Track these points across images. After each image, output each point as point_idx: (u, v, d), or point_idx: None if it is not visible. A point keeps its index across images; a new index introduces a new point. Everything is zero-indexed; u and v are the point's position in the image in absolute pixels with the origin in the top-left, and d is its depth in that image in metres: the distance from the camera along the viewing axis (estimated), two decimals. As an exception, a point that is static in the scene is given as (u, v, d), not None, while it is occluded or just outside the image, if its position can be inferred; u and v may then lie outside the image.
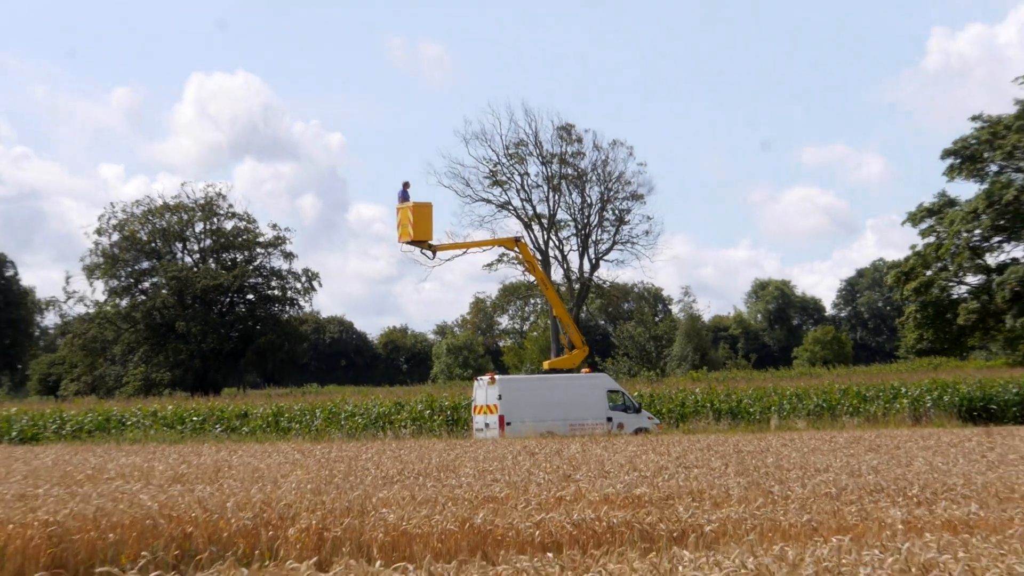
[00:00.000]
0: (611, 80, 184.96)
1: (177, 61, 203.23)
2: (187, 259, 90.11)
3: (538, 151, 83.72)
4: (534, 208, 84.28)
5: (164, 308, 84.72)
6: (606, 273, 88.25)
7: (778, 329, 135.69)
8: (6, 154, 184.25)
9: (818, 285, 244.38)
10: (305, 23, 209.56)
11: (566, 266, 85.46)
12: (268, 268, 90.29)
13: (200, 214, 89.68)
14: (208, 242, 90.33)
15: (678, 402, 49.68)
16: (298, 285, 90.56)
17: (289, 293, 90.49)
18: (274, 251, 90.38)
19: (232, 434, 46.89)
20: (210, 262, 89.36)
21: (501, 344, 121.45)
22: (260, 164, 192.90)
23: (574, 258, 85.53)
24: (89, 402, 62.39)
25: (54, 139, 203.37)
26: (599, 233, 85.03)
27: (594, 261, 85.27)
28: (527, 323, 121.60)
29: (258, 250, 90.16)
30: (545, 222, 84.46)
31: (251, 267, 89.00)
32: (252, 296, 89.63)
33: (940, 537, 11.00)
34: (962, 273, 75.34)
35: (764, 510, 14.28)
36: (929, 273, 75.21)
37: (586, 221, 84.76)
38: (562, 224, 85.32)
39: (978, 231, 73.60)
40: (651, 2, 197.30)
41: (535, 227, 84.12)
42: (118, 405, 56.37)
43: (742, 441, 31.27)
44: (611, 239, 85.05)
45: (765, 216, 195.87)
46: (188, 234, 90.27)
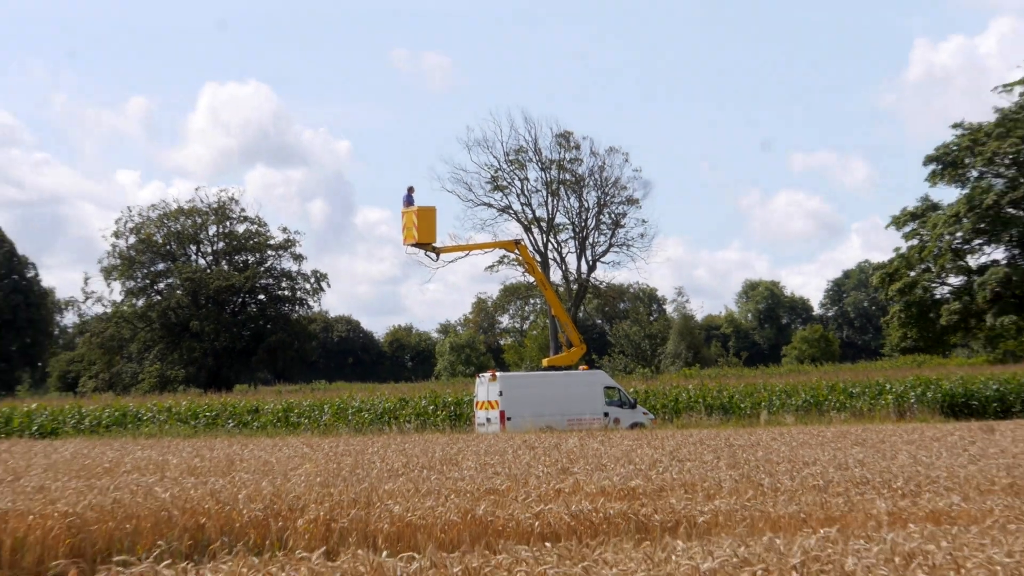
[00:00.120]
0: (608, 89, 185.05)
1: (191, 71, 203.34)
2: (201, 261, 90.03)
3: (537, 157, 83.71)
4: (534, 212, 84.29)
5: (179, 308, 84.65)
6: (603, 274, 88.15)
7: (768, 328, 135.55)
8: (27, 160, 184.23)
9: (806, 286, 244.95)
10: (313, 35, 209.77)
11: (564, 267, 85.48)
12: (278, 270, 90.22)
13: (213, 218, 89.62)
14: (221, 245, 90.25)
15: (672, 398, 49.67)
16: (307, 286, 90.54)
17: (299, 294, 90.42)
18: (284, 253, 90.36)
19: (244, 429, 46.83)
20: (223, 264, 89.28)
21: (502, 342, 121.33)
22: (271, 170, 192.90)
23: (572, 260, 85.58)
24: (106, 398, 62.35)
25: (73, 146, 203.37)
26: (596, 236, 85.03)
27: (591, 263, 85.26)
28: (527, 322, 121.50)
29: (269, 252, 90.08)
30: (544, 225, 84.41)
31: (262, 269, 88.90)
32: (263, 296, 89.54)
33: (924, 528, 11.00)
34: (944, 274, 75.27)
35: (754, 502, 14.27)
36: (913, 274, 75.16)
37: (583, 224, 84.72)
38: (560, 227, 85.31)
39: (959, 234, 73.51)
40: (647, 12, 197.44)
41: (535, 230, 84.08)
42: (134, 401, 56.29)
43: (733, 435, 31.23)
44: (607, 242, 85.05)
45: (755, 220, 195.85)
46: (202, 237, 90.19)
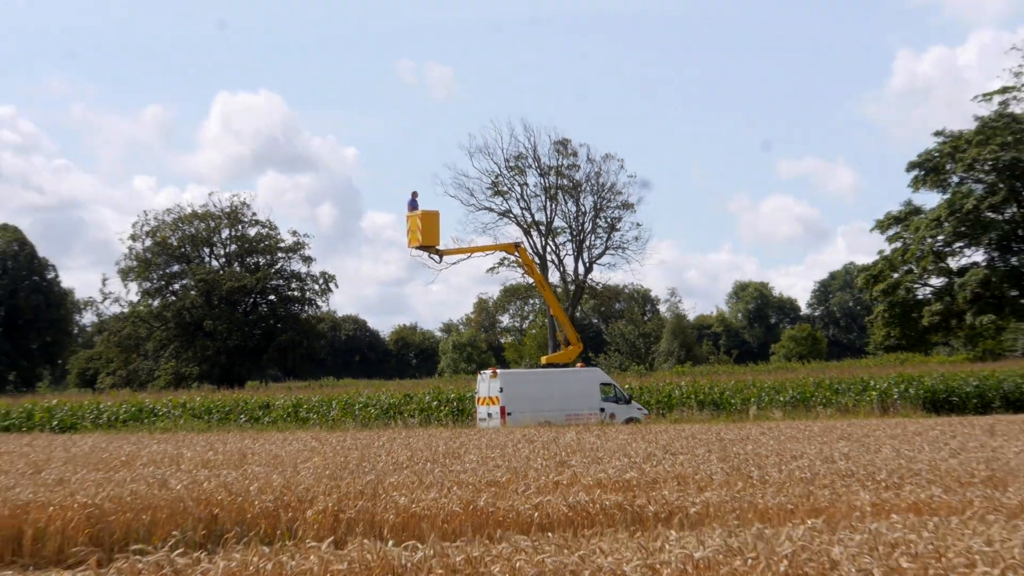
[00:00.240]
0: (604, 98, 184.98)
1: (204, 81, 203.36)
2: (214, 263, 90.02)
3: (536, 163, 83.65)
4: (533, 216, 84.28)
5: (193, 308, 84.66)
6: (599, 276, 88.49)
7: (757, 327, 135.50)
8: (48, 166, 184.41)
9: (794, 287, 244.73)
10: (322, 47, 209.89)
11: (562, 269, 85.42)
12: (288, 271, 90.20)
13: (226, 221, 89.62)
14: (233, 247, 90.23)
15: (665, 394, 49.64)
16: (316, 287, 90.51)
17: (308, 294, 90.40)
18: (294, 255, 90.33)
19: (255, 424, 46.82)
20: (235, 266, 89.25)
21: (502, 341, 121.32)
22: (281, 175, 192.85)
23: (569, 262, 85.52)
24: (124, 394, 62.36)
25: (92, 153, 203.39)
26: (592, 239, 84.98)
27: (588, 265, 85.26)
28: (526, 321, 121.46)
29: (279, 255, 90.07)
30: (543, 229, 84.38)
31: (273, 270, 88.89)
32: (274, 297, 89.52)
33: (906, 518, 11.00)
34: (926, 276, 75.27)
35: (744, 493, 14.27)
36: (896, 276, 75.17)
37: (580, 228, 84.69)
38: (558, 231, 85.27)
39: (941, 237, 73.54)
40: (641, 26, 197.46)
41: (534, 233, 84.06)
42: (150, 397, 56.29)
43: (724, 430, 31.20)
44: (603, 244, 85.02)
45: (745, 223, 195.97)
46: (215, 240, 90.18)
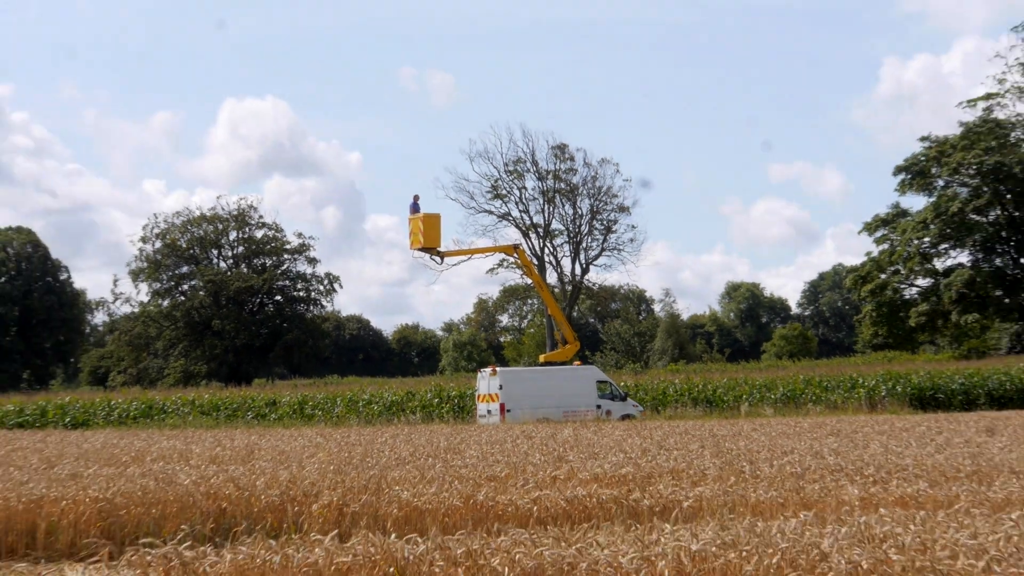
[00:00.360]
0: (600, 105, 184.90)
1: (212, 88, 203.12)
2: (222, 264, 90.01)
3: (535, 168, 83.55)
4: (531, 218, 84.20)
5: (201, 308, 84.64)
6: (595, 276, 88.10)
7: (749, 326, 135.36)
8: (61, 171, 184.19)
9: (784, 287, 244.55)
10: (326, 55, 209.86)
11: (560, 270, 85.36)
12: (294, 272, 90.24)
13: (233, 224, 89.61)
14: (240, 249, 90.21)
15: (659, 391, 49.62)
16: (321, 287, 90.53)
17: (313, 294, 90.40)
18: (299, 257, 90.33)
19: (262, 420, 46.78)
20: (242, 267, 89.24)
21: (502, 340, 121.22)
22: (287, 179, 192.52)
23: (567, 263, 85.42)
24: (134, 392, 62.31)
25: (103, 158, 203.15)
26: (589, 241, 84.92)
27: (584, 266, 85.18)
28: (525, 321, 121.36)
29: (285, 256, 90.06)
30: (541, 231, 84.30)
31: (279, 271, 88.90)
32: (280, 297, 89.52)
33: (893, 512, 10.98)
34: (913, 276, 75.29)
35: (736, 488, 14.24)
36: (883, 276, 75.17)
37: (577, 230, 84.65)
38: (556, 233, 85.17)
39: (927, 239, 73.57)
40: (637, 36, 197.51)
41: (532, 235, 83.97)
42: (160, 394, 56.27)
43: (716, 426, 31.20)
44: (600, 246, 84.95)
45: (737, 226, 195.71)
46: (223, 242, 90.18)
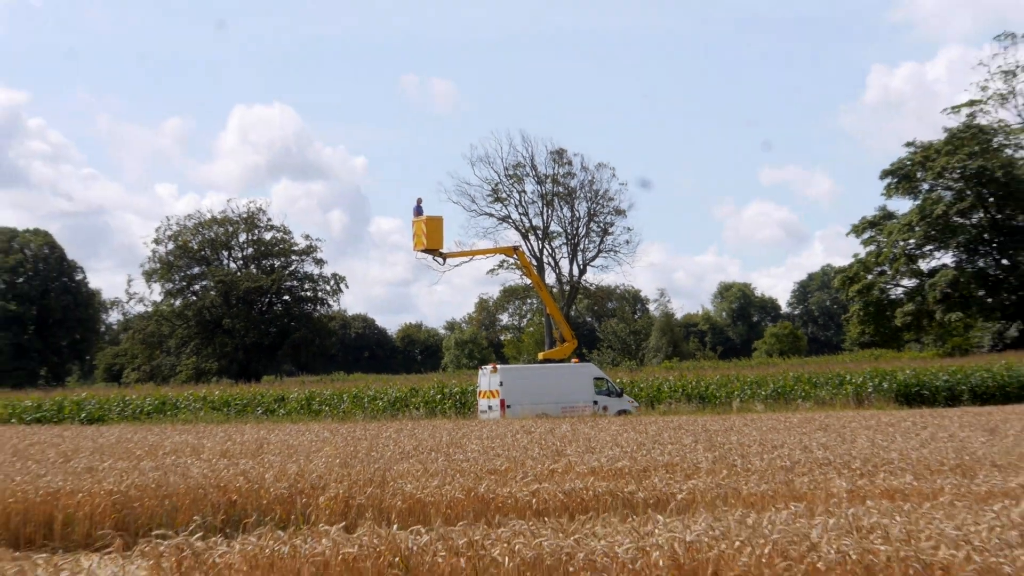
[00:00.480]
0: (598, 110, 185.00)
1: (222, 95, 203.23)
2: (232, 265, 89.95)
3: (534, 172, 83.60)
4: (530, 221, 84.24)
5: (212, 307, 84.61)
6: (592, 277, 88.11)
7: (740, 325, 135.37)
8: (76, 175, 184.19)
9: (775, 287, 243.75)
10: (332, 62, 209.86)
11: (558, 271, 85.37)
12: (302, 273, 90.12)
13: (243, 226, 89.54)
14: (250, 250, 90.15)
15: (654, 388, 49.64)
16: (327, 287, 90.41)
17: (320, 294, 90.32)
18: (307, 258, 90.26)
19: (271, 416, 46.80)
20: (252, 268, 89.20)
21: (502, 338, 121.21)
22: (294, 183, 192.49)
23: (565, 264, 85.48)
24: (148, 388, 62.32)
25: (117, 162, 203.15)
26: (586, 243, 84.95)
27: (582, 267, 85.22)
28: (525, 320, 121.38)
29: (293, 257, 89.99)
30: (540, 233, 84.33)
31: (287, 272, 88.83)
32: (288, 297, 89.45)
33: (880, 504, 11.00)
34: (899, 277, 75.31)
35: (728, 481, 14.26)
36: (870, 277, 75.20)
37: (575, 232, 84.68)
38: (554, 235, 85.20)
39: (912, 241, 73.62)
40: (633, 44, 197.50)
41: (531, 237, 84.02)
42: (173, 391, 56.27)
43: (709, 421, 31.22)
44: (597, 248, 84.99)
45: (729, 228, 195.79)
46: (233, 244, 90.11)
